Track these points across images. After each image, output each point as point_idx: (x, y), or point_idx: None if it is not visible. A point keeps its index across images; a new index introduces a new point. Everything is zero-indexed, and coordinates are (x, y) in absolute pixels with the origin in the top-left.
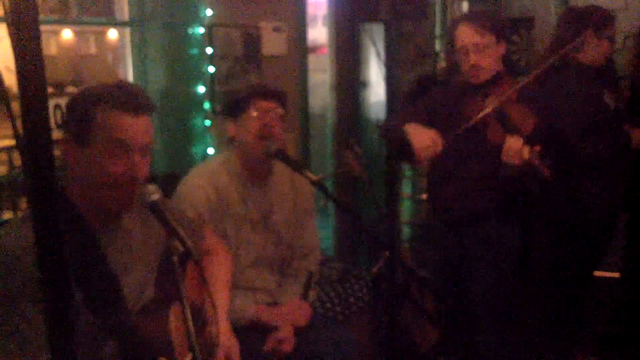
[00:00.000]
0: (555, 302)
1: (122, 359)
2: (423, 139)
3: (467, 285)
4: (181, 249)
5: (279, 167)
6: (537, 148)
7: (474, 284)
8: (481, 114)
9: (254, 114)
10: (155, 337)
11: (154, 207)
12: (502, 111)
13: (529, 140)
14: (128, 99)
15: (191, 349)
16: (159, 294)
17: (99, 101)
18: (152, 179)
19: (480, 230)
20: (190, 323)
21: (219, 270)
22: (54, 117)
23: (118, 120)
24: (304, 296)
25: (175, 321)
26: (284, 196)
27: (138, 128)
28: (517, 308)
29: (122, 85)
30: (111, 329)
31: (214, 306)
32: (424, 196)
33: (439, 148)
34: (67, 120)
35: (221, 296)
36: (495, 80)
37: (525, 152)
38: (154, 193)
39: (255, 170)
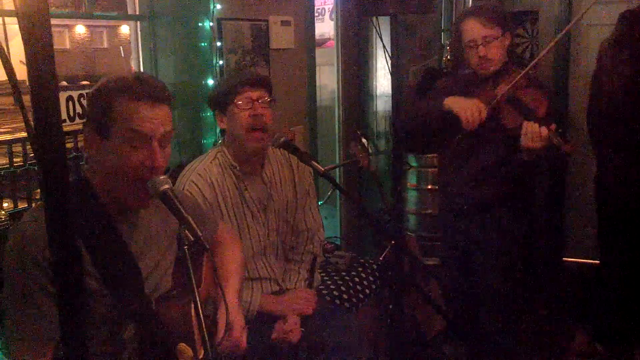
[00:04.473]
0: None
1: (141, 343)
2: (468, 107)
3: (476, 272)
4: (191, 238)
5: (276, 154)
6: (553, 127)
7: (483, 271)
8: (495, 100)
9: (242, 104)
10: (176, 323)
11: (164, 197)
12: (515, 97)
13: (543, 122)
14: (146, 89)
15: (203, 341)
16: (179, 283)
17: (118, 93)
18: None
19: (489, 218)
20: (201, 313)
21: (231, 260)
22: (66, 110)
23: (136, 110)
24: (310, 282)
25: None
26: (282, 182)
27: (156, 118)
28: (522, 293)
29: (140, 77)
30: (131, 313)
31: (222, 292)
32: (430, 186)
33: (484, 114)
34: (88, 112)
35: (232, 284)
36: (504, 71)
37: (544, 132)
38: (164, 183)
39: (249, 160)
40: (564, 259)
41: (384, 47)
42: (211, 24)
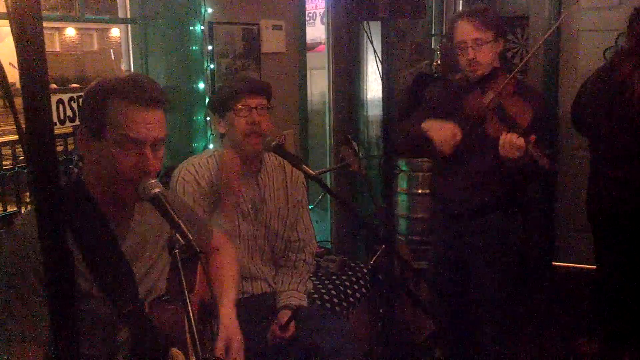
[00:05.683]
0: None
1: (134, 347)
2: (443, 132)
3: (469, 277)
4: (182, 241)
5: (271, 159)
6: (533, 138)
7: (477, 276)
8: (479, 107)
9: (240, 111)
10: (169, 327)
11: (155, 201)
12: (500, 105)
13: (525, 133)
14: (140, 92)
15: (193, 345)
16: (173, 287)
17: (112, 94)
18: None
19: (483, 223)
20: (193, 319)
21: (227, 266)
22: (56, 113)
23: (129, 114)
24: (285, 327)
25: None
26: (276, 188)
27: (149, 123)
28: (517, 298)
29: (135, 78)
30: (123, 315)
31: (215, 298)
32: (420, 190)
33: (459, 138)
34: (82, 112)
35: (228, 290)
36: (492, 76)
37: (520, 143)
38: (155, 187)
39: (246, 163)
40: (554, 263)
41: (375, 51)
42: (202, 27)
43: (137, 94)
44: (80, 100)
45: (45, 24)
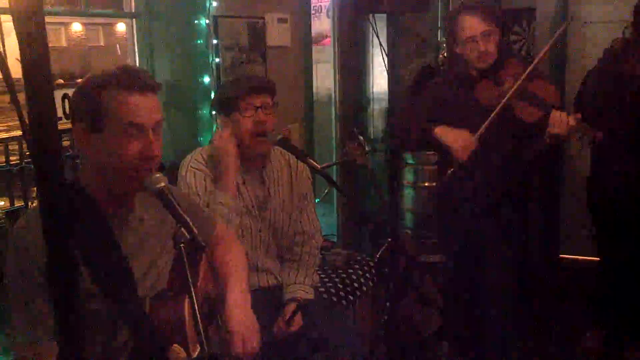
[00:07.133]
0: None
1: (135, 345)
2: (458, 140)
3: (480, 271)
4: (187, 236)
5: (276, 154)
6: (579, 115)
7: (487, 270)
8: (507, 96)
9: (246, 111)
10: (169, 324)
11: (160, 195)
12: (526, 90)
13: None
14: (133, 79)
15: (199, 340)
16: (174, 283)
17: (105, 86)
18: (159, 167)
19: (495, 216)
20: (198, 313)
21: (237, 257)
22: (62, 107)
23: (127, 101)
24: (290, 321)
25: (189, 310)
26: (281, 182)
27: (148, 107)
28: (524, 291)
29: (125, 68)
30: (124, 315)
31: (221, 289)
32: (426, 184)
33: (474, 146)
34: (76, 110)
35: (237, 279)
36: (500, 65)
37: (572, 120)
38: (161, 181)
39: (251, 160)
40: (561, 255)
41: (381, 44)
42: (207, 21)
43: (131, 81)
44: (72, 99)
45: (51, 19)
